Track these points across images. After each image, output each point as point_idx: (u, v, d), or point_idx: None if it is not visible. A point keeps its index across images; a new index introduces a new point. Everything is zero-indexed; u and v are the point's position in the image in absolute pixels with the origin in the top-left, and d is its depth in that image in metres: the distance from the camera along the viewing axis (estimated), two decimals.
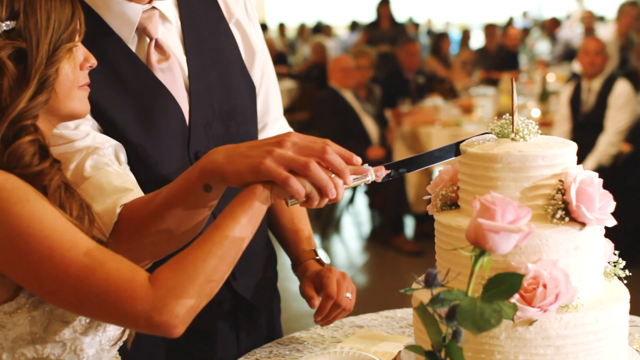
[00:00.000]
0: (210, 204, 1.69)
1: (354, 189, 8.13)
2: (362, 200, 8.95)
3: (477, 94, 9.45)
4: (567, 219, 1.68)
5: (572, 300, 1.64)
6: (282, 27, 18.11)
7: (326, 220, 8.05)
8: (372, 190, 8.12)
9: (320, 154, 1.55)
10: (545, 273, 1.62)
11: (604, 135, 6.66)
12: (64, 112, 1.65)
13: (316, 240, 7.81)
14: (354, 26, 16.91)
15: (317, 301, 2.16)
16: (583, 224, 1.68)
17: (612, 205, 1.70)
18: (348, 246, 7.89)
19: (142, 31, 2.03)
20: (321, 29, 17.49)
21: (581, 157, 6.59)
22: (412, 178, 7.52)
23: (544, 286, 1.61)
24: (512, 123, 1.76)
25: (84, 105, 1.70)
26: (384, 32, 11.85)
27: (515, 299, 1.61)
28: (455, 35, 17.10)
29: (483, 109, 8.33)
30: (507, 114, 1.79)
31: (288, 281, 2.61)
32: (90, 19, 1.97)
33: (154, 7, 2.03)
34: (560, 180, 1.70)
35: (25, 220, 1.47)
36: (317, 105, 8.15)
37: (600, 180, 1.71)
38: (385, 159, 7.66)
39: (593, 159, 6.63)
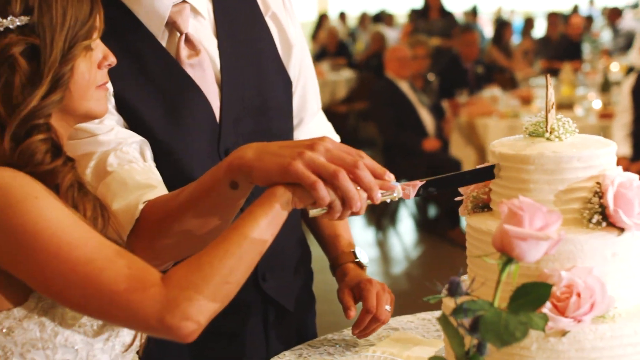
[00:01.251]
0: (236, 203, 1.63)
1: None
2: None
3: (537, 84, 9.26)
4: (604, 223, 1.58)
5: (608, 310, 1.55)
6: (342, 15, 18.01)
7: (381, 212, 7.97)
8: None
9: (352, 167, 1.48)
10: (580, 281, 1.53)
11: None
12: (79, 112, 1.61)
13: (371, 232, 7.77)
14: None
15: (354, 312, 2.11)
16: (621, 230, 1.58)
17: None
18: (403, 238, 7.81)
19: (172, 25, 1.98)
20: (383, 17, 17.36)
21: None
22: (469, 168, 7.38)
23: (578, 295, 1.52)
24: (547, 121, 1.67)
25: (101, 106, 1.65)
26: (433, 23, 11.48)
27: (547, 308, 1.53)
28: (519, 23, 16.86)
29: (542, 100, 8.13)
30: (542, 112, 1.69)
31: (323, 281, 2.55)
32: (120, 13, 1.95)
33: (184, 1, 1.99)
34: (598, 183, 1.60)
35: (32, 218, 1.43)
36: (373, 95, 8.08)
37: None
38: (442, 151, 7.56)
39: None
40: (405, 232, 7.99)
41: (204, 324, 1.45)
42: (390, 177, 1.52)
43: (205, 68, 2.00)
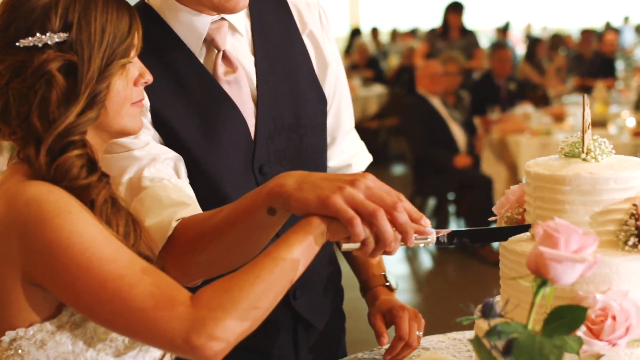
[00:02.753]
0: (271, 229, 1.64)
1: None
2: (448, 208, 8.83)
3: (570, 101, 9.20)
4: None
5: None
6: (374, 31, 18.02)
7: None
8: (459, 198, 7.98)
9: (391, 208, 1.48)
10: (615, 304, 1.52)
11: None
12: (114, 128, 1.62)
13: (401, 248, 7.76)
14: None
15: (387, 339, 2.11)
16: None
17: None
18: (433, 255, 7.77)
19: (210, 42, 1.99)
20: (415, 33, 17.36)
21: None
22: (500, 186, 7.36)
23: (614, 318, 1.51)
24: (583, 142, 1.66)
25: (136, 123, 1.66)
26: (453, 42, 11.09)
27: (581, 331, 1.51)
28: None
29: (575, 118, 8.10)
30: (578, 132, 1.68)
31: (353, 298, 2.54)
32: (159, 29, 1.96)
33: (223, 18, 1.99)
34: (634, 205, 1.59)
35: (65, 232, 1.44)
36: (404, 111, 8.06)
37: None
38: (473, 168, 7.53)
39: None
40: (435, 249, 7.96)
41: (230, 345, 1.45)
42: (426, 222, 1.53)
43: (241, 85, 2.01)
